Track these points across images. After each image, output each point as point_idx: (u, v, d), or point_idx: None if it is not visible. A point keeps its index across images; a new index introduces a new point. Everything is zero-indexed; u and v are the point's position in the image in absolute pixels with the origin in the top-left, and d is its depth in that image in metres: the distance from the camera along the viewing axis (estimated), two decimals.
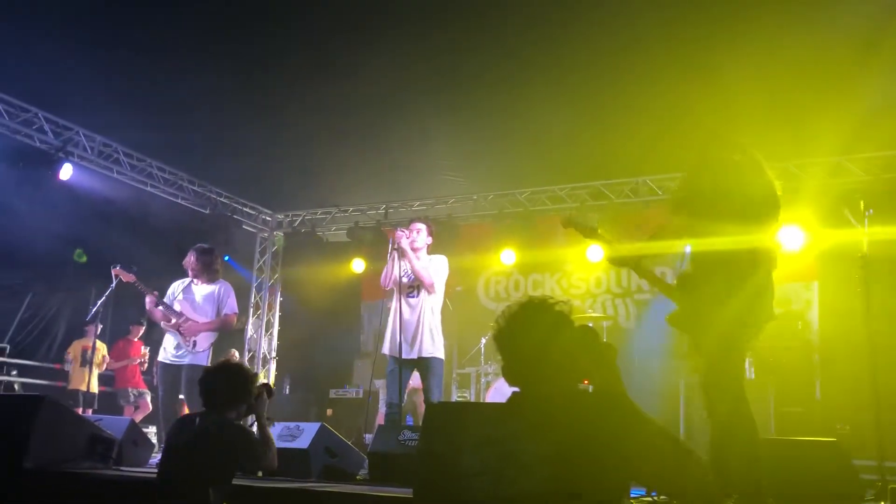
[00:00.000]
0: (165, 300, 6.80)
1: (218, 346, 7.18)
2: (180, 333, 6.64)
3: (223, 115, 8.14)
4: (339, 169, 9.61)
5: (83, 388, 8.52)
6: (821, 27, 5.98)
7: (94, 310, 7.34)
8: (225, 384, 3.73)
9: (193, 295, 6.84)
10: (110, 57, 7.00)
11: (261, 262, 11.95)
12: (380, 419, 8.10)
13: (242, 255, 11.48)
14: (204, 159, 9.56)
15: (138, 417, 9.37)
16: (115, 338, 10.22)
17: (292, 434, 5.31)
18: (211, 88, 7.59)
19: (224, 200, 10.87)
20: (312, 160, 9.35)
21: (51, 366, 9.80)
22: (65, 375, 9.63)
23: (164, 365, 6.67)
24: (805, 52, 6.37)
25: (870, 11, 5.70)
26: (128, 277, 6.77)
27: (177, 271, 9.44)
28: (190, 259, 6.91)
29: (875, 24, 5.82)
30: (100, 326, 8.06)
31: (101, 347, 9.52)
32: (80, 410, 7.77)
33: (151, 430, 9.56)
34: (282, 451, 5.26)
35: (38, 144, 8.45)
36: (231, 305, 6.85)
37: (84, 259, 9.64)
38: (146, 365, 10.09)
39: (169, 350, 6.68)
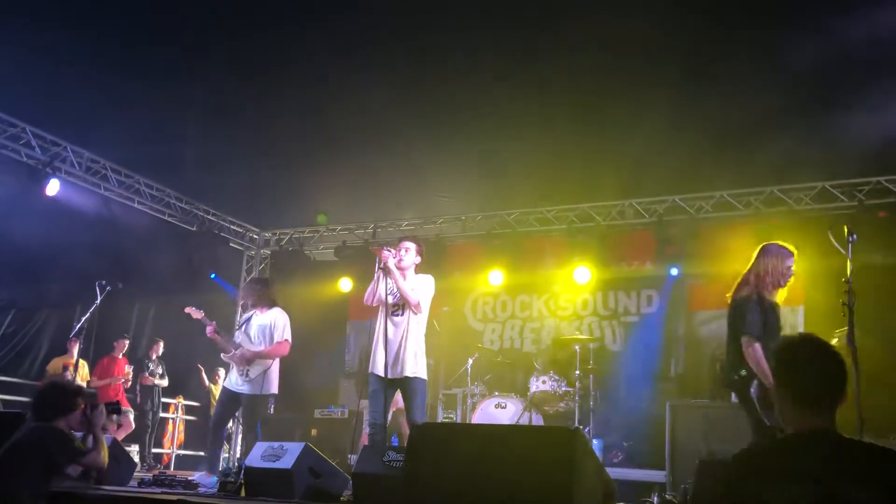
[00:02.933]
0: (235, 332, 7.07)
1: None
2: (235, 362, 6.88)
3: (212, 133, 8.14)
4: (327, 188, 9.62)
5: None
6: (804, 55, 6.09)
7: (78, 326, 7.28)
8: (49, 397, 4.44)
9: (251, 325, 7.03)
10: (99, 73, 7.00)
11: (247, 280, 11.89)
12: (365, 440, 8.04)
13: (228, 273, 11.45)
14: (192, 176, 9.54)
15: (121, 436, 9.26)
16: (99, 355, 10.11)
17: (276, 454, 5.25)
18: (200, 107, 7.59)
19: (211, 218, 10.85)
20: (301, 179, 9.35)
21: (33, 383, 9.67)
22: None
23: (226, 389, 6.96)
24: (785, 82, 6.47)
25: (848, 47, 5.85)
26: (198, 314, 7.00)
27: (164, 288, 9.42)
28: (242, 292, 7.07)
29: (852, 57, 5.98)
30: (81, 345, 7.98)
31: (83, 365, 9.42)
32: None
33: (134, 449, 9.47)
34: (265, 471, 5.23)
35: (25, 160, 8.41)
36: (282, 333, 6.99)
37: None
38: (129, 383, 9.99)
39: (232, 378, 6.95)
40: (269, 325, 6.96)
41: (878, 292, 6.78)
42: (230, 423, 10.88)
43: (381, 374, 5.83)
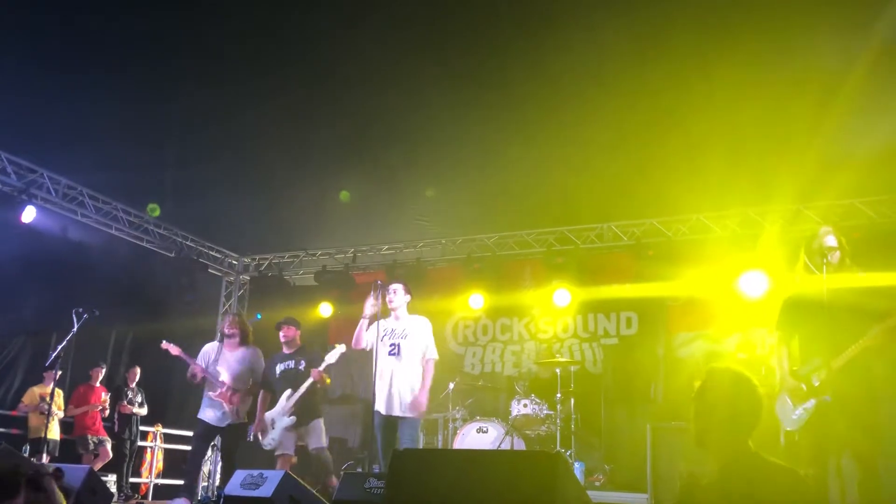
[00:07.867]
0: (200, 362, 6.98)
1: None
2: (227, 402, 6.84)
3: (190, 159, 8.11)
4: (306, 212, 9.61)
5: (41, 435, 8.30)
6: (780, 84, 6.24)
7: (54, 355, 7.19)
8: None
9: (228, 360, 7.02)
10: (76, 100, 6.98)
11: (226, 306, 11.81)
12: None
13: (207, 299, 11.37)
14: (170, 203, 9.49)
15: (97, 466, 9.12)
16: (76, 383, 9.96)
17: (255, 482, 5.20)
18: (178, 133, 7.58)
19: (190, 244, 10.78)
20: (280, 204, 9.34)
21: (7, 412, 9.52)
22: (21, 423, 9.36)
23: (204, 423, 6.86)
24: (765, 106, 6.59)
25: (824, 73, 6.00)
26: (175, 350, 7.05)
27: (142, 314, 9.31)
28: (227, 323, 7.21)
29: (829, 84, 6.13)
30: (59, 372, 7.87)
31: (59, 394, 9.28)
32: (37, 458, 7.56)
33: (111, 479, 9.31)
34: (244, 499, 5.17)
35: (0, 187, 8.33)
36: (258, 374, 7.09)
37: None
38: (108, 411, 9.85)
39: (214, 414, 6.87)
40: (248, 360, 7.05)
41: None
42: (209, 452, 10.77)
43: (381, 410, 6.00)
